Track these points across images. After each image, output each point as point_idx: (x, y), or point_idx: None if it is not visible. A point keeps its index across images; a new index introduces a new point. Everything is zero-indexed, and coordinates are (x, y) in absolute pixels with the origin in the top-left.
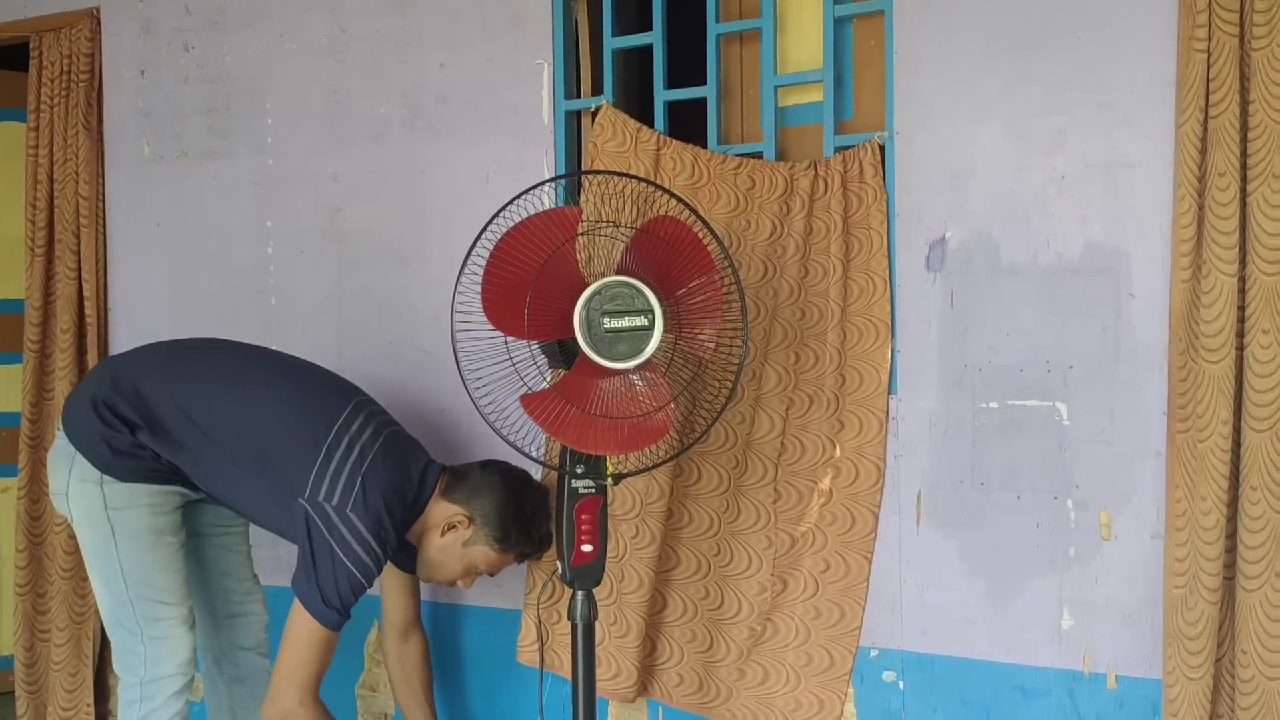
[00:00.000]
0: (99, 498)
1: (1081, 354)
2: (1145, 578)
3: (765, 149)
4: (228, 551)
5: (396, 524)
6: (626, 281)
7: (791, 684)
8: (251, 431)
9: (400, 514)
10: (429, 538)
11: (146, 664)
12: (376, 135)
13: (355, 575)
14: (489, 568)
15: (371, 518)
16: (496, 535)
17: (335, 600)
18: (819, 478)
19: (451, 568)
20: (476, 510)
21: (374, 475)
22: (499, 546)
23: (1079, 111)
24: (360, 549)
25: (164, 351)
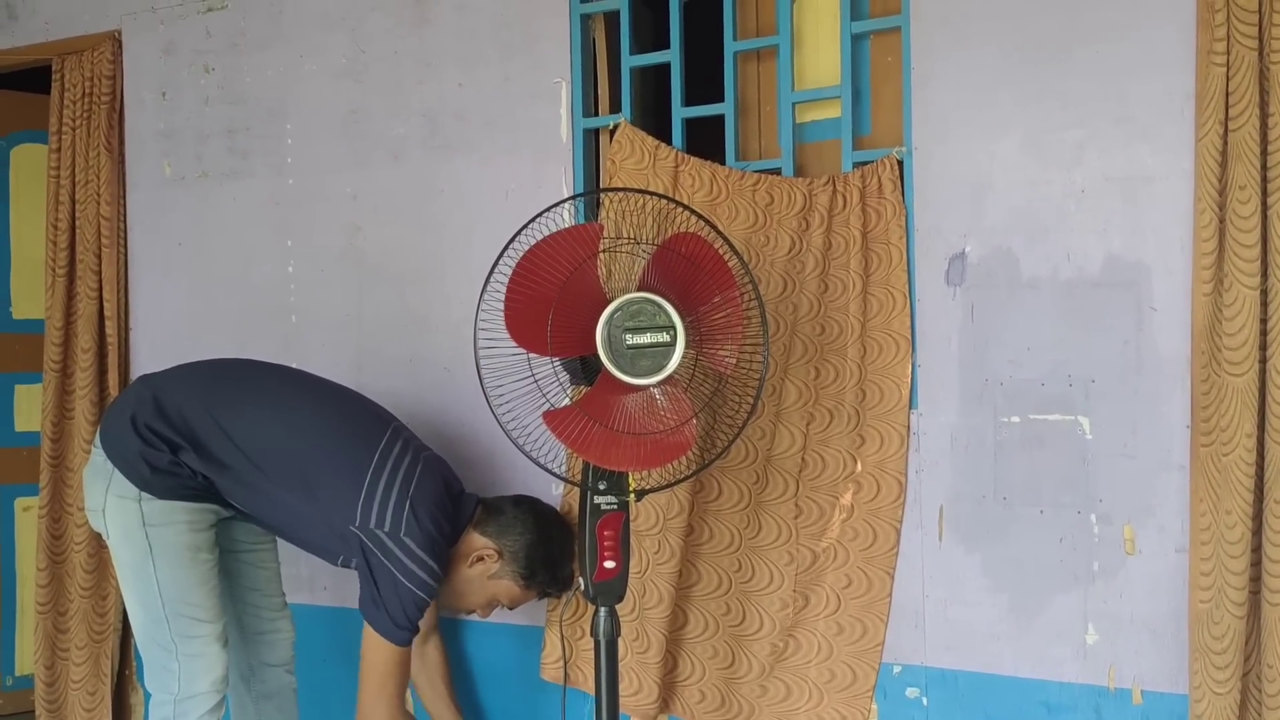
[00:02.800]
0: (137, 514)
1: (1103, 367)
2: (1170, 592)
3: (783, 165)
4: (258, 568)
5: (446, 539)
6: (648, 298)
7: (814, 700)
8: (296, 456)
9: (448, 531)
10: (457, 567)
11: (181, 681)
12: (395, 154)
13: (418, 595)
14: (510, 602)
15: (425, 537)
16: (523, 573)
17: (404, 620)
18: (840, 493)
19: (473, 599)
20: (507, 546)
21: (421, 497)
22: (524, 584)
23: (1097, 125)
24: (420, 570)
25: (203, 372)
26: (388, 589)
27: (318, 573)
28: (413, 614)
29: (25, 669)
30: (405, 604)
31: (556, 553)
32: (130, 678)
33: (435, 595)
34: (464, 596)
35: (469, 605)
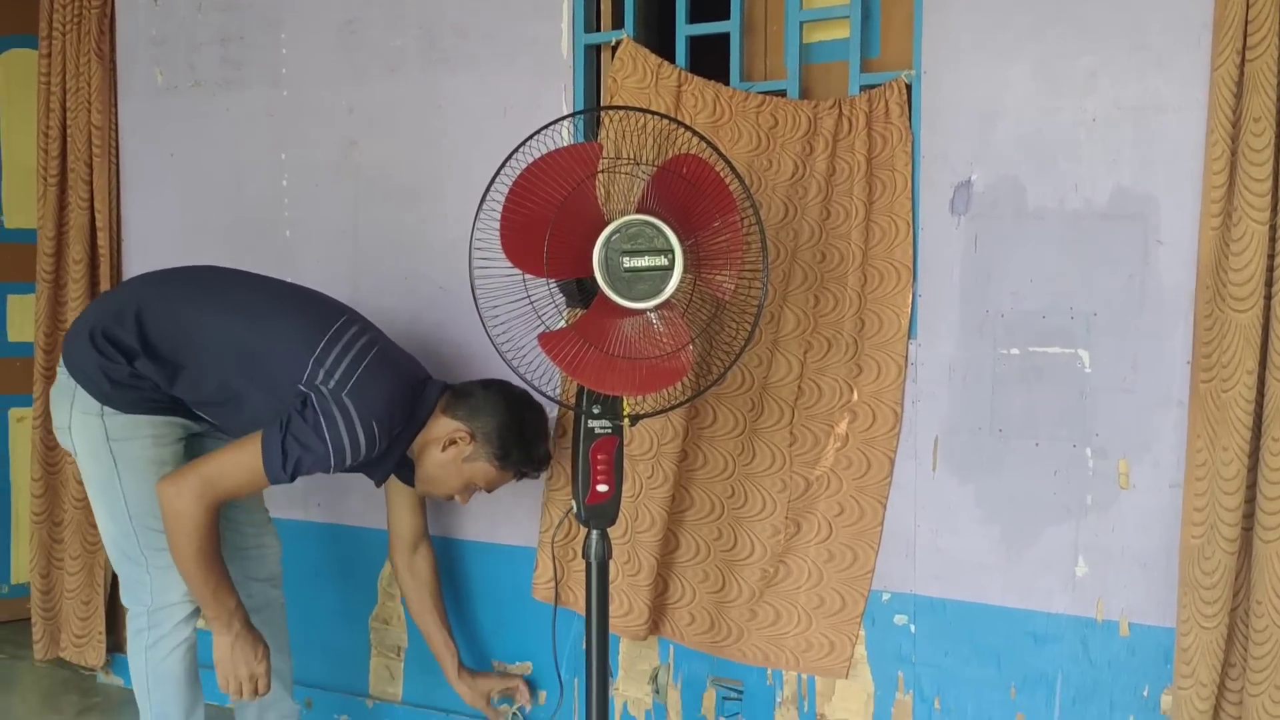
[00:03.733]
0: (100, 430)
1: (1106, 301)
2: (1162, 527)
3: (789, 87)
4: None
5: (388, 429)
6: (647, 220)
7: (803, 625)
8: (248, 340)
9: (398, 421)
10: (429, 452)
11: (153, 593)
12: (393, 68)
13: (325, 456)
14: (488, 484)
15: (365, 410)
16: (498, 453)
17: (292, 466)
18: (835, 422)
19: (450, 483)
20: (479, 428)
21: (371, 376)
22: (499, 464)
23: (1112, 52)
24: (345, 433)
25: (163, 276)
26: (303, 432)
27: (310, 490)
28: (304, 466)
29: (21, 578)
30: (305, 455)
31: (530, 433)
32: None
33: (336, 468)
34: (440, 481)
35: (445, 490)
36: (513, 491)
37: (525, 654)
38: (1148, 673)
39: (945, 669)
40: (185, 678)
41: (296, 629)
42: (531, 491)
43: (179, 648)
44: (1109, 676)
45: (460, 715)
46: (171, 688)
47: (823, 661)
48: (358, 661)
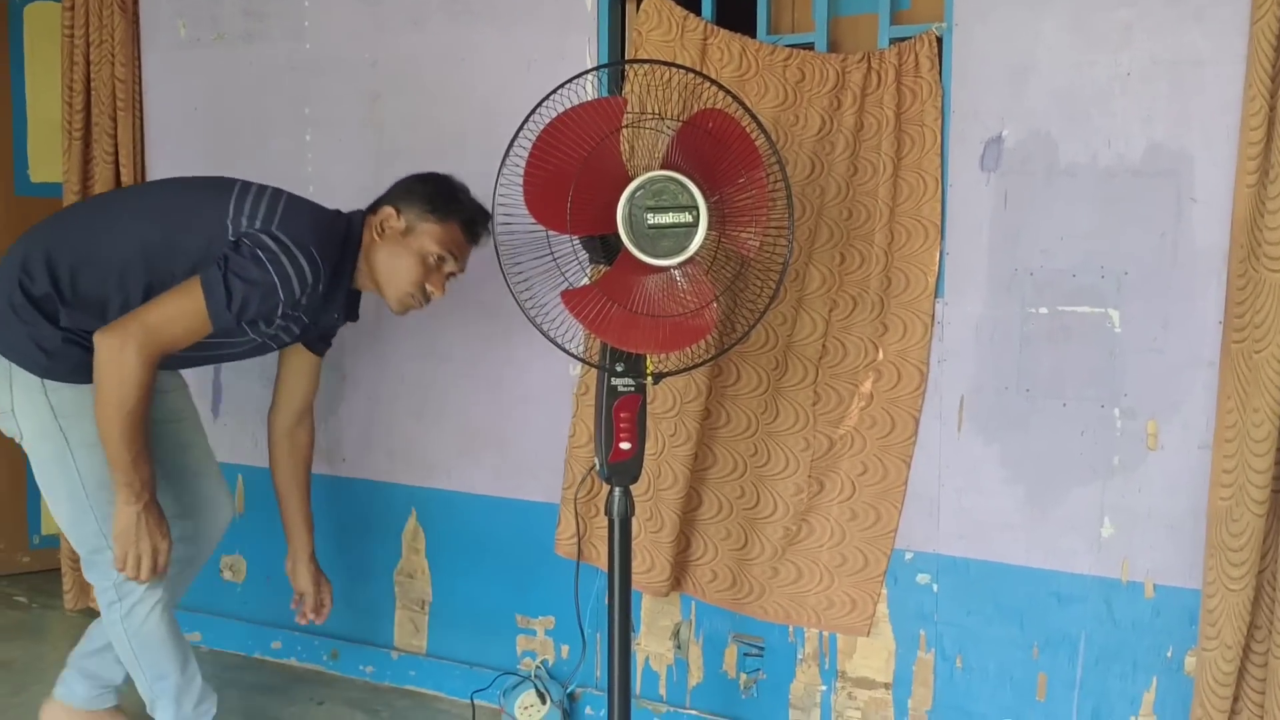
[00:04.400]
0: (46, 406)
1: (1137, 260)
2: (1190, 488)
3: (816, 40)
4: (183, 447)
5: (326, 255)
6: (672, 176)
7: (825, 583)
8: (160, 233)
9: (332, 247)
10: (373, 255)
11: (114, 565)
12: (416, 20)
13: (272, 288)
14: (439, 244)
15: (299, 236)
16: (427, 208)
17: (238, 304)
18: (860, 381)
19: (406, 265)
20: (399, 202)
21: (293, 208)
22: (435, 217)
23: (1148, 5)
24: (286, 261)
25: (51, 221)
26: (247, 270)
27: (337, 444)
28: (252, 305)
29: (50, 529)
30: (252, 293)
31: (450, 184)
32: None
33: (285, 305)
34: (397, 271)
35: (409, 277)
36: (536, 448)
37: (548, 609)
38: (1172, 634)
39: (968, 628)
40: (169, 636)
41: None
42: (554, 448)
43: (154, 609)
44: (1133, 637)
45: (483, 667)
46: (158, 649)
47: (844, 619)
48: (383, 614)
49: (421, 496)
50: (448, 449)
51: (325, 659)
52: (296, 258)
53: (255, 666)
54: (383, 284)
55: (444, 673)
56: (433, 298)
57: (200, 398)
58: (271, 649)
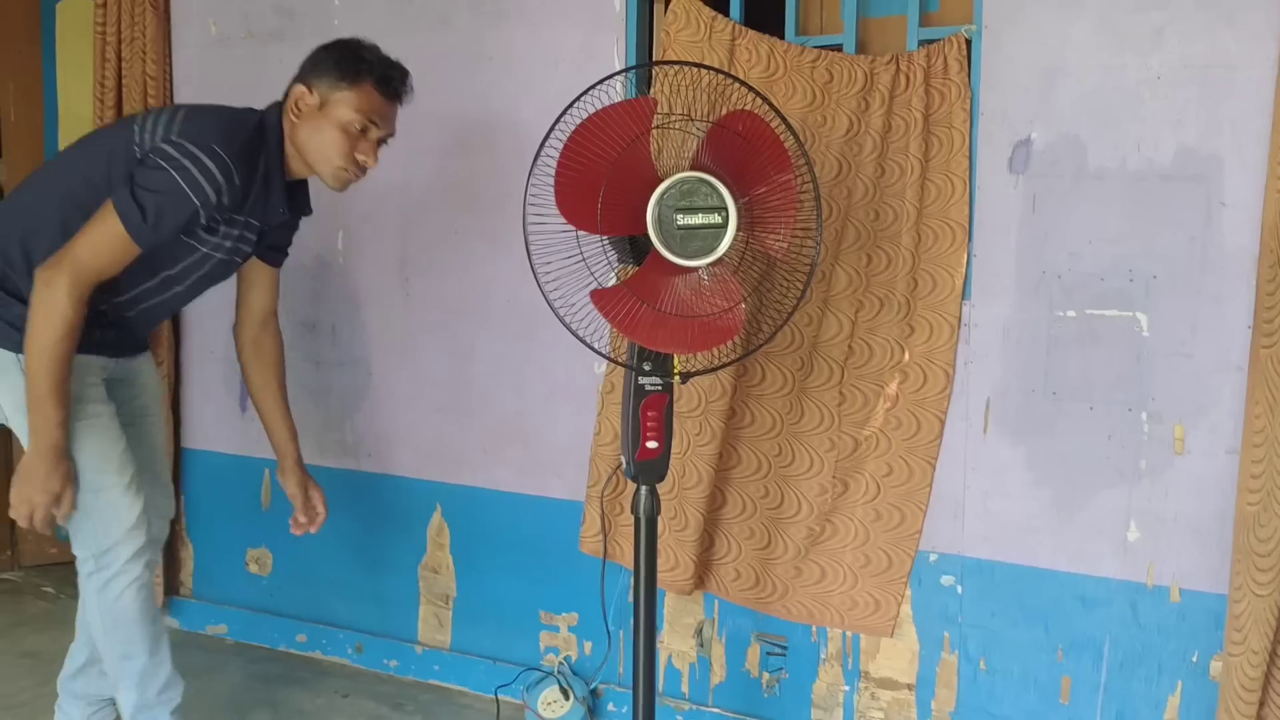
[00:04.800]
0: (21, 381)
1: (1166, 264)
2: (1217, 493)
3: (845, 41)
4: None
5: (236, 152)
6: (702, 178)
7: (848, 584)
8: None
9: (241, 142)
10: (297, 138)
11: (95, 534)
12: (444, 19)
13: (183, 195)
14: (357, 111)
15: (202, 139)
16: (336, 76)
17: (154, 216)
18: (886, 382)
19: (329, 138)
20: (308, 76)
21: (195, 113)
22: (346, 83)
23: (1179, 7)
24: (192, 166)
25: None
26: (154, 180)
27: (362, 439)
28: (167, 215)
29: None
30: (164, 202)
31: (356, 45)
32: (181, 532)
33: (198, 212)
34: (321, 144)
35: (335, 148)
36: (560, 446)
37: (571, 605)
38: (1198, 638)
39: (992, 630)
40: (142, 615)
41: (349, 576)
42: (579, 446)
43: (131, 586)
44: (1158, 641)
45: (506, 663)
46: (129, 627)
47: (868, 620)
48: (407, 609)
49: (447, 492)
50: (473, 446)
51: (350, 652)
52: (199, 158)
53: (281, 659)
54: (313, 164)
55: (468, 668)
56: (367, 167)
57: (228, 392)
58: (297, 642)
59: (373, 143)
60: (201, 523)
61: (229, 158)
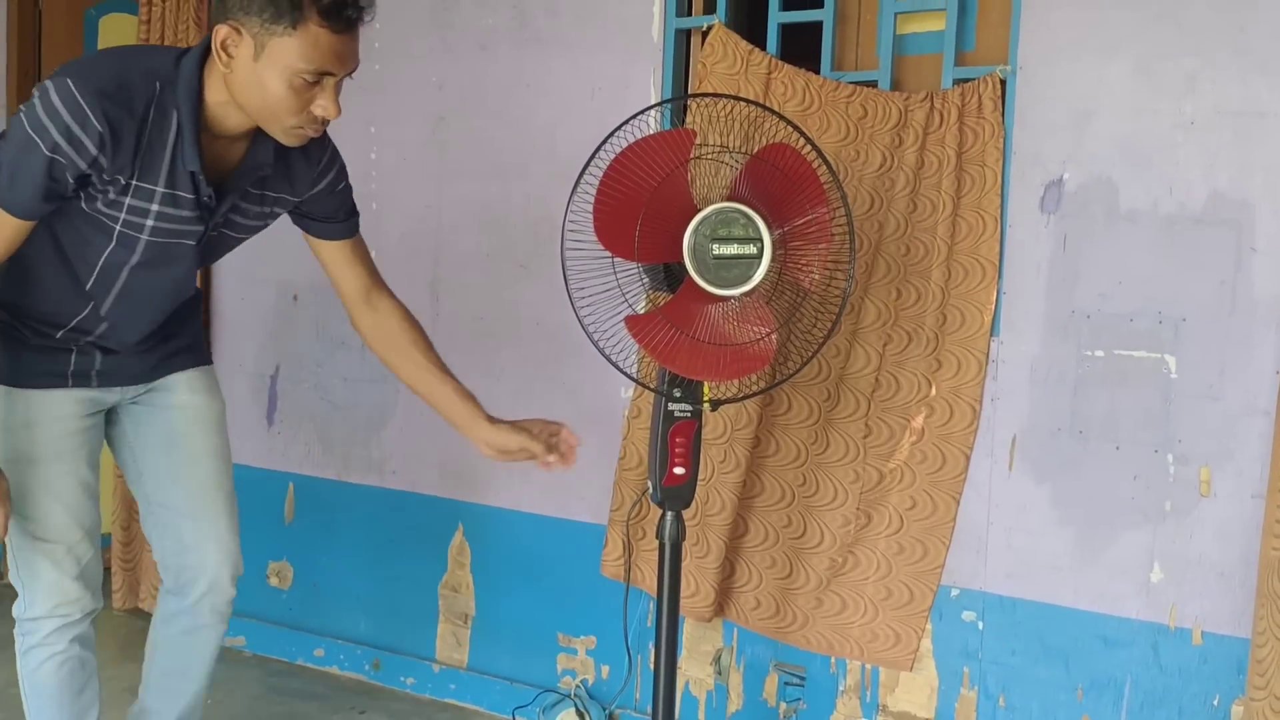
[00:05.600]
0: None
1: (1195, 307)
2: (1242, 537)
3: (880, 78)
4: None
5: (103, 92)
6: (740, 209)
7: (869, 616)
8: None
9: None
10: (232, 89)
11: (26, 594)
12: (483, 45)
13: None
14: (306, 62)
15: (61, 74)
16: (268, 15)
17: (6, 176)
18: (912, 415)
19: (274, 96)
20: (231, 9)
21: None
22: (284, 24)
23: (1214, 55)
24: (41, 109)
25: None
26: (10, 133)
27: (388, 456)
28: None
29: (104, 528)
30: (19, 157)
31: None
32: None
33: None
34: (266, 105)
35: (283, 108)
36: (584, 469)
37: (589, 629)
38: (1219, 682)
39: (1012, 667)
40: (59, 691)
41: (368, 592)
42: (603, 470)
43: (50, 660)
44: (1179, 683)
45: (523, 684)
46: (45, 700)
47: (888, 653)
48: (426, 627)
49: (469, 512)
50: (497, 466)
51: (367, 669)
52: (48, 97)
53: (298, 673)
54: (262, 124)
55: (484, 688)
56: (330, 118)
57: (255, 404)
58: (314, 656)
59: (331, 90)
60: None
61: (86, 96)
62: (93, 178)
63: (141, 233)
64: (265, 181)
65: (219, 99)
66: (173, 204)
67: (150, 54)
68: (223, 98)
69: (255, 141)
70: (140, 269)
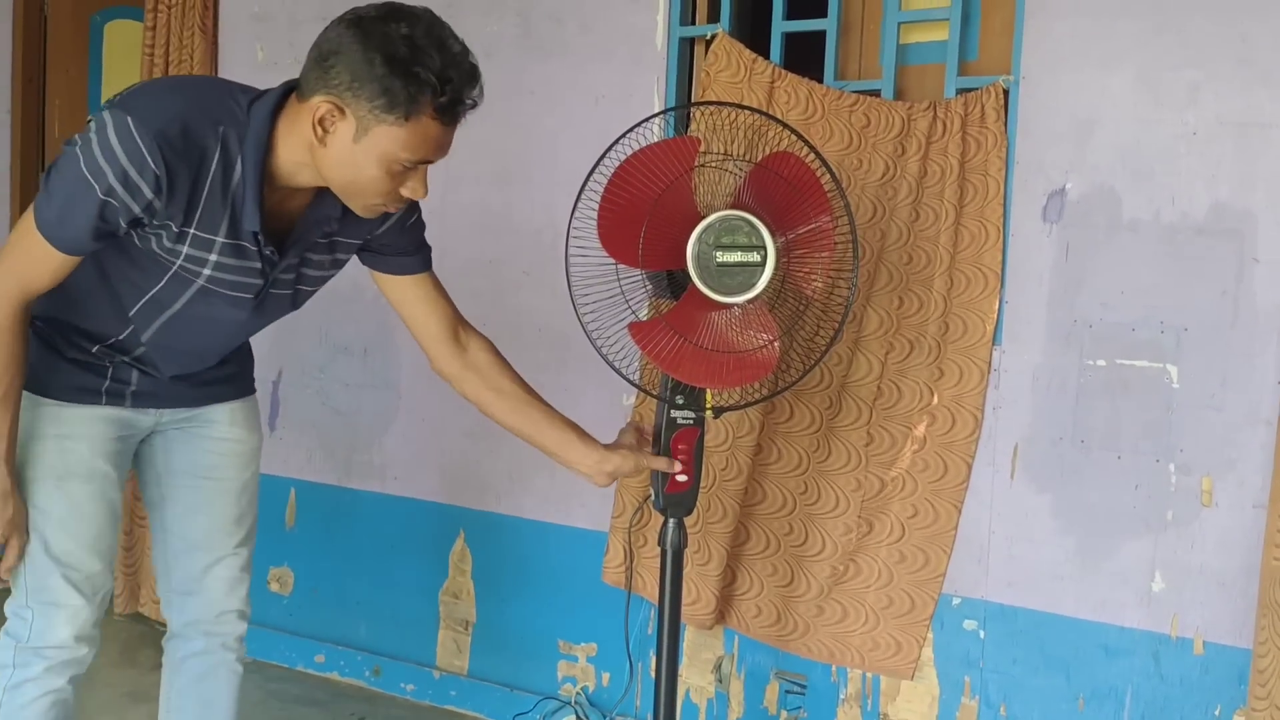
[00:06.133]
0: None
1: (1197, 317)
2: (1244, 547)
3: (883, 87)
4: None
5: (164, 136)
6: (744, 217)
7: (870, 624)
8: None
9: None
10: (320, 162)
11: (25, 624)
12: (487, 52)
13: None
14: (411, 152)
15: (123, 110)
16: (380, 103)
17: (58, 210)
18: (914, 424)
19: (368, 177)
20: (339, 87)
21: (152, 84)
22: (396, 114)
23: (1216, 66)
24: (96, 143)
25: None
26: (63, 162)
27: (389, 462)
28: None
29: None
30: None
31: (402, 49)
32: None
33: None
34: (356, 184)
35: (374, 189)
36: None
37: (590, 636)
38: (1220, 692)
39: (1013, 676)
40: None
41: (369, 598)
42: None
43: (43, 699)
44: (1180, 693)
45: (524, 691)
46: None
47: (889, 661)
48: (426, 633)
49: (470, 518)
50: (499, 473)
51: (367, 675)
52: (105, 134)
53: (298, 679)
54: (342, 196)
55: (485, 694)
56: (418, 199)
57: None
58: (315, 662)
59: (423, 175)
60: None
61: (146, 139)
62: (145, 220)
63: (198, 278)
64: (332, 233)
65: (294, 159)
66: (234, 255)
67: (217, 93)
68: (299, 159)
69: (321, 192)
70: (190, 308)
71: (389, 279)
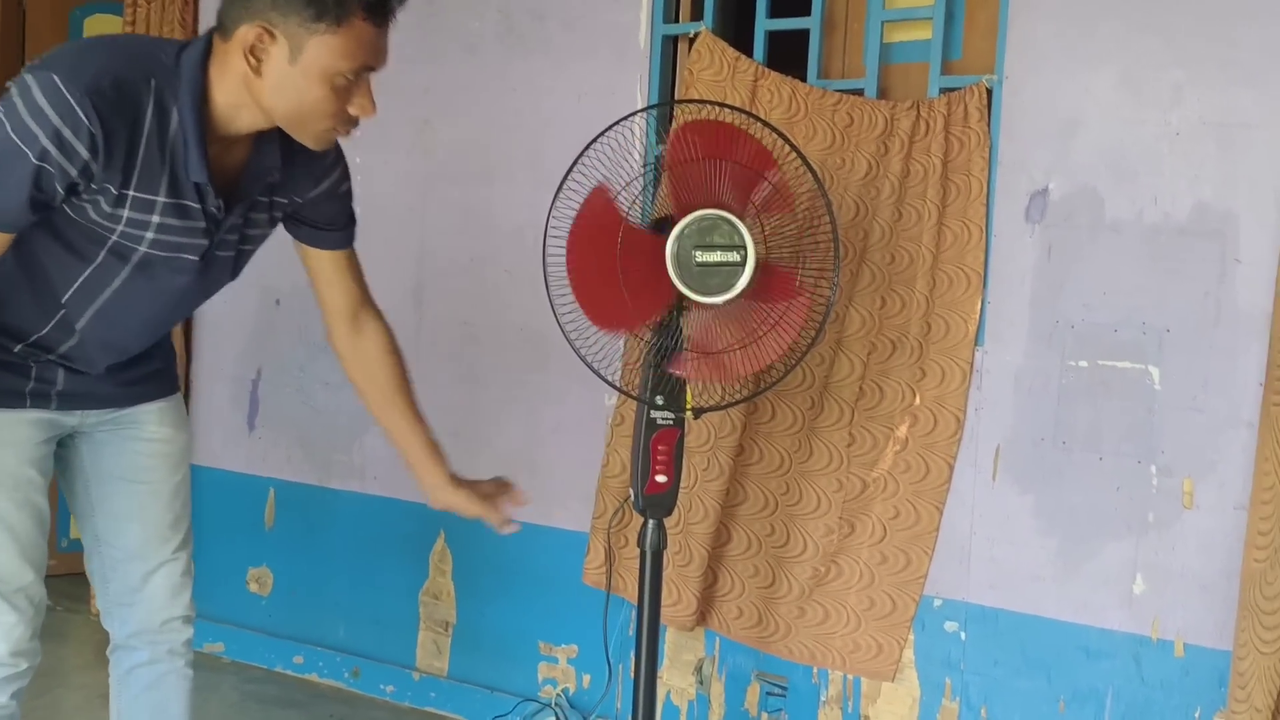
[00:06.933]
0: None
1: (1180, 318)
2: (1224, 549)
3: (867, 86)
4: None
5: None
6: (721, 215)
7: (851, 626)
8: None
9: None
10: (259, 95)
11: None
12: (470, 49)
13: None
14: (350, 60)
15: (47, 68)
16: (309, 13)
17: None
18: (896, 424)
19: (313, 99)
20: (261, 8)
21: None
22: (327, 21)
23: (1200, 66)
24: (24, 110)
25: None
26: None
27: (369, 462)
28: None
29: (78, 533)
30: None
31: None
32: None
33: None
34: (302, 109)
35: (321, 111)
36: (567, 477)
37: (570, 637)
38: (1200, 694)
39: (994, 678)
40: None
41: (349, 599)
42: (586, 477)
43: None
44: (1160, 695)
45: (504, 693)
46: None
47: (870, 663)
48: (406, 634)
49: (451, 519)
50: (479, 473)
51: (346, 676)
52: (30, 94)
53: (277, 680)
54: (289, 128)
55: (464, 696)
56: (367, 116)
57: (237, 409)
58: (294, 663)
59: (367, 88)
60: (203, 540)
61: (76, 94)
62: (81, 186)
63: (140, 244)
64: (274, 187)
65: (230, 101)
66: (177, 214)
67: (143, 46)
68: (235, 100)
69: (259, 143)
70: (129, 284)
71: (308, 250)
